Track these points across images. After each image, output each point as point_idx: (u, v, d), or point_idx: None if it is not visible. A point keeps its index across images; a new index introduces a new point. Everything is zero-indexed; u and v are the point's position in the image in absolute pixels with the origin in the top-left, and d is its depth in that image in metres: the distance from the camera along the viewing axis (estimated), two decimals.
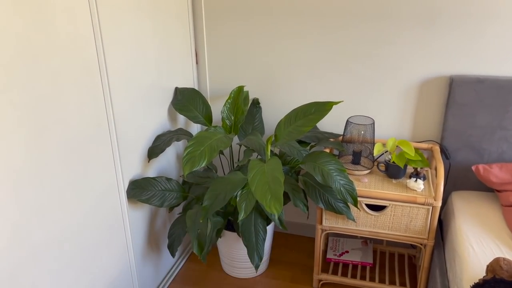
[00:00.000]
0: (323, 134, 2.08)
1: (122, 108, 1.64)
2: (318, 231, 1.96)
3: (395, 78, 2.03)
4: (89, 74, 1.44)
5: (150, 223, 1.96)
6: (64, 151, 1.36)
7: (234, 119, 1.99)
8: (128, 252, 1.78)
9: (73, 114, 1.38)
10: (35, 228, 1.28)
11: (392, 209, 1.81)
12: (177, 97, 2.05)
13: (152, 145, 1.89)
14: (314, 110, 1.72)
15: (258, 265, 1.83)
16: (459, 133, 1.94)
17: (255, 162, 1.65)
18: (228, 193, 1.68)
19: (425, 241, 1.83)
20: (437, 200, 1.74)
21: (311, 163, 1.77)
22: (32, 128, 1.22)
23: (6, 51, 1.12)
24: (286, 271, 2.24)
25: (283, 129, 1.76)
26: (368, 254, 2.21)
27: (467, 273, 1.47)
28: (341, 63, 2.08)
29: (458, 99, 1.90)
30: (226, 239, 2.08)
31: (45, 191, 1.30)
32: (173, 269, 2.23)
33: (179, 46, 2.06)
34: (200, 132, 1.71)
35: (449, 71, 1.95)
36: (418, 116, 2.07)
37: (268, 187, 1.51)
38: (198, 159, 1.61)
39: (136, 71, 1.72)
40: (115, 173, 1.64)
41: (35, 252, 1.29)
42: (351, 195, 1.72)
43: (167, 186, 1.88)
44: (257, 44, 2.16)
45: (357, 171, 1.93)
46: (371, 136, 1.95)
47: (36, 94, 1.22)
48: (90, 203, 1.51)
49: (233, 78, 2.27)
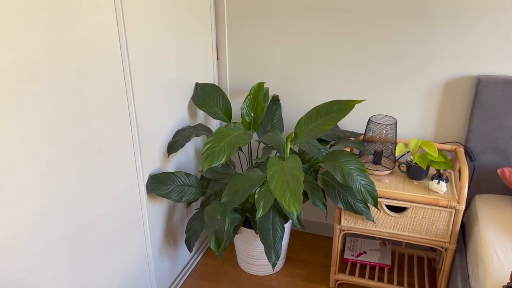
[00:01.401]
0: (343, 133, 2.05)
1: (144, 103, 1.65)
2: (336, 231, 1.94)
3: (420, 77, 1.98)
4: (112, 69, 1.44)
5: (168, 218, 1.97)
6: (86, 144, 1.37)
7: (254, 115, 1.98)
8: (146, 245, 1.79)
9: (95, 108, 1.39)
10: (57, 220, 1.29)
11: (413, 211, 1.78)
12: (197, 92, 2.05)
13: (172, 140, 1.90)
14: (336, 109, 1.69)
15: (275, 263, 1.81)
16: (485, 135, 1.89)
17: (274, 159, 1.63)
18: (247, 190, 1.67)
19: (446, 244, 1.79)
20: (460, 203, 1.70)
21: (331, 162, 1.74)
22: (55, 122, 1.24)
23: (31, 44, 1.13)
24: (302, 270, 2.22)
25: (304, 127, 1.74)
26: (387, 255, 2.18)
27: (490, 279, 1.43)
28: (364, 61, 2.04)
29: (484, 100, 1.84)
30: (243, 236, 2.08)
31: (67, 184, 1.31)
32: (189, 264, 2.24)
33: (200, 42, 2.06)
34: (219, 128, 1.71)
35: (476, 71, 1.89)
36: (442, 117, 2.02)
37: (287, 185, 1.50)
38: (217, 155, 1.60)
39: (158, 66, 1.72)
40: (135, 167, 1.65)
41: (56, 244, 1.30)
42: (372, 196, 1.69)
43: (186, 181, 1.88)
44: (278, 40, 2.14)
45: (377, 171, 1.90)
46: (393, 136, 1.91)
47: (59, 87, 1.23)
48: (111, 196, 1.52)
49: (253, 74, 2.26)
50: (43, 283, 1.27)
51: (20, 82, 1.11)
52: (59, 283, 1.34)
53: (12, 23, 1.07)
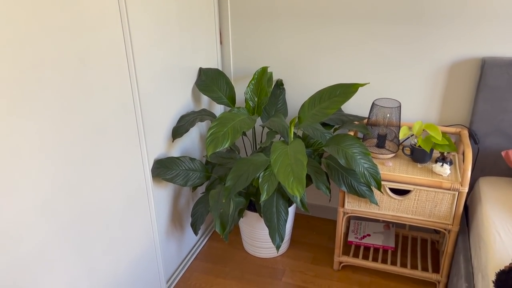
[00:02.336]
0: (347, 117, 2.05)
1: (147, 88, 1.66)
2: (340, 214, 1.95)
3: (424, 59, 1.97)
4: (115, 54, 1.45)
5: (173, 202, 2.00)
6: (90, 130, 1.38)
7: (258, 100, 1.98)
8: (152, 229, 1.82)
9: (99, 93, 1.40)
10: (64, 205, 1.32)
11: (417, 194, 1.79)
12: (201, 77, 2.05)
13: (176, 125, 1.91)
14: (340, 92, 1.69)
15: (280, 246, 1.84)
16: (490, 118, 1.88)
17: (278, 144, 1.64)
18: (251, 174, 1.69)
19: (449, 226, 1.80)
20: (463, 185, 1.70)
21: (335, 146, 1.75)
22: (59, 108, 1.25)
23: (34, 30, 1.13)
24: (307, 252, 2.25)
25: (307, 111, 1.75)
26: (390, 238, 2.20)
27: (492, 260, 1.45)
28: (367, 44, 2.03)
29: (490, 82, 1.83)
30: (248, 219, 2.10)
31: (73, 169, 1.33)
32: (195, 247, 2.28)
33: (203, 26, 2.06)
34: (223, 113, 1.72)
35: (481, 53, 1.88)
36: (446, 100, 2.01)
37: (291, 169, 1.51)
38: (221, 140, 1.62)
39: (161, 51, 1.73)
40: (140, 152, 1.67)
41: (63, 228, 1.33)
42: (375, 179, 1.70)
43: (190, 166, 1.90)
44: (282, 24, 2.12)
45: (381, 154, 1.91)
46: (397, 119, 1.91)
47: (63, 73, 1.25)
48: (116, 181, 1.55)
49: (257, 58, 2.25)
50: (51, 266, 1.31)
51: (24, 68, 1.12)
52: (67, 266, 1.37)
53: (14, 8, 1.07)
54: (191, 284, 2.07)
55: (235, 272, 2.13)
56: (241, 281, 2.08)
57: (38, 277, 1.26)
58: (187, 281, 2.09)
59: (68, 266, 1.37)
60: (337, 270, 2.12)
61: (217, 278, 2.10)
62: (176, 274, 2.09)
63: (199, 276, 2.12)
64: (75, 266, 1.40)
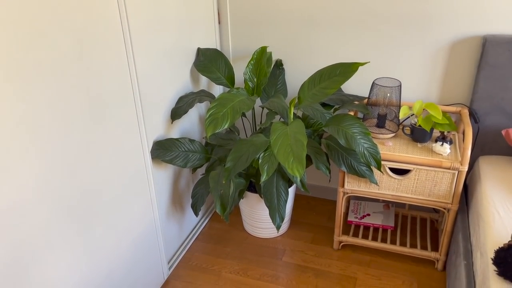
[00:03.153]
0: (347, 97, 2.04)
1: (145, 69, 1.64)
2: (340, 194, 1.96)
3: (425, 38, 1.95)
4: (112, 34, 1.43)
5: (174, 183, 2.00)
6: (88, 110, 1.37)
7: (257, 81, 1.97)
8: (152, 210, 1.83)
9: (96, 74, 1.38)
10: (63, 186, 1.32)
11: (416, 173, 1.79)
12: (199, 58, 2.03)
13: (175, 106, 1.90)
14: (339, 72, 1.68)
15: (280, 226, 1.85)
16: (490, 96, 1.87)
17: (278, 124, 1.64)
18: (251, 155, 1.69)
19: (449, 205, 1.81)
20: (463, 164, 1.70)
21: (335, 126, 1.74)
22: (56, 87, 1.24)
23: (30, 8, 1.11)
24: (307, 232, 2.27)
25: (307, 91, 1.73)
26: (390, 217, 2.21)
27: (491, 238, 1.46)
28: (367, 22, 2.00)
29: (491, 60, 1.81)
30: (248, 200, 2.11)
31: (71, 150, 1.33)
32: (196, 228, 2.29)
33: (202, 5, 2.02)
34: (222, 94, 1.70)
35: (483, 30, 1.85)
36: (447, 78, 1.99)
37: (291, 149, 1.51)
38: (220, 121, 1.61)
39: (158, 31, 1.70)
40: (139, 133, 1.66)
41: (64, 208, 1.33)
42: (375, 159, 1.70)
43: (190, 147, 1.89)
44: (281, 3, 2.09)
45: (381, 134, 1.90)
46: (397, 98, 1.90)
47: (60, 52, 1.23)
48: (115, 162, 1.54)
49: (256, 38, 2.22)
50: (52, 246, 1.31)
51: (20, 48, 1.10)
52: (68, 247, 1.38)
53: None
54: (192, 265, 2.09)
55: (236, 252, 2.15)
56: (242, 261, 2.10)
57: (39, 257, 1.27)
58: (188, 261, 2.11)
59: (69, 247, 1.38)
60: (337, 250, 2.14)
61: (217, 258, 2.12)
62: (177, 255, 2.11)
63: (200, 257, 2.14)
64: (76, 246, 1.41)
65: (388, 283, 1.95)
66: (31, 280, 1.25)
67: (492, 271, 1.33)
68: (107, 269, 1.58)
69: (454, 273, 1.68)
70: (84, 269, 1.46)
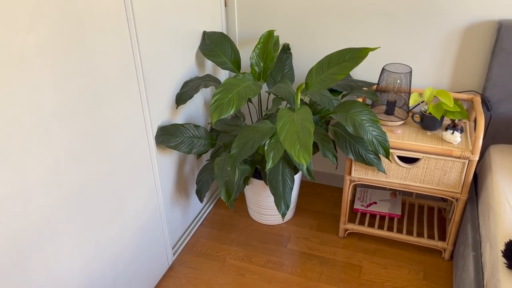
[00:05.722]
0: (356, 83, 1.99)
1: (149, 52, 1.60)
2: (346, 181, 1.93)
3: (437, 22, 1.88)
4: (115, 17, 1.39)
5: (178, 169, 1.98)
6: (91, 95, 1.34)
7: (263, 65, 1.92)
8: (157, 196, 1.82)
9: (100, 58, 1.35)
10: (67, 172, 1.30)
11: (425, 162, 1.75)
12: (205, 41, 1.98)
13: (180, 91, 1.87)
14: (349, 57, 1.63)
15: (285, 214, 1.83)
16: (504, 83, 1.82)
17: (284, 111, 1.60)
18: (256, 141, 1.66)
19: (458, 195, 1.78)
20: (474, 153, 1.66)
21: (343, 113, 1.71)
22: (59, 72, 1.21)
23: None
24: (312, 220, 2.25)
25: (315, 77, 1.69)
26: (397, 205, 2.18)
27: (502, 230, 1.43)
28: (378, 6, 1.94)
29: (506, 46, 1.75)
30: (253, 186, 2.09)
31: (75, 136, 1.31)
32: (201, 214, 2.28)
33: None
34: (228, 79, 1.66)
35: (498, 15, 1.79)
36: (459, 65, 1.94)
37: (297, 136, 1.47)
38: (226, 107, 1.58)
39: (163, 13, 1.66)
40: (143, 119, 1.63)
41: (68, 195, 1.32)
42: (383, 147, 1.66)
43: (195, 133, 1.87)
44: None
45: (390, 121, 1.86)
46: (407, 85, 1.85)
47: (62, 36, 1.19)
48: (120, 148, 1.52)
49: (263, 22, 2.17)
50: (56, 233, 1.30)
51: (21, 30, 1.07)
52: (72, 233, 1.37)
53: None
54: (197, 250, 2.08)
55: (240, 238, 2.14)
56: (247, 247, 2.09)
57: (44, 243, 1.26)
58: (192, 247, 2.10)
59: (74, 233, 1.37)
60: (343, 237, 2.12)
61: (222, 244, 2.12)
62: (182, 241, 2.11)
63: (205, 243, 2.13)
64: (80, 232, 1.40)
65: (393, 272, 1.93)
66: (35, 267, 1.24)
67: (502, 264, 1.31)
68: (111, 255, 1.57)
69: (461, 264, 1.66)
70: (88, 255, 1.45)
